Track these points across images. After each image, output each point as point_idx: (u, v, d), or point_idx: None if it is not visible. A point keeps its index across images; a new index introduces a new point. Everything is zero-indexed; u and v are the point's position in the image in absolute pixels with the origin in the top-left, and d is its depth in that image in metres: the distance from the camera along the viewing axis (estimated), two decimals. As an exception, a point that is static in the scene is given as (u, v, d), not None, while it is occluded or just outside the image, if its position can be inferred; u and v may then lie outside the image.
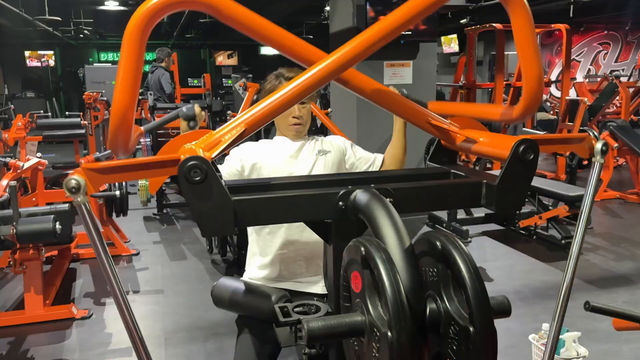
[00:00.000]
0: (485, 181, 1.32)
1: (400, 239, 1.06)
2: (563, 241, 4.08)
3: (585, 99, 4.87)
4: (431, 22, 4.72)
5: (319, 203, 1.25)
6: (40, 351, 2.73)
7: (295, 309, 1.56)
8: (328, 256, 1.39)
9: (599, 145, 1.25)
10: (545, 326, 2.52)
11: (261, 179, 1.73)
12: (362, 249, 1.00)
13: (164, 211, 5.43)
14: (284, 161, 1.91)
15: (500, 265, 3.82)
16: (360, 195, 1.23)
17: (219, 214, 1.16)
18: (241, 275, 2.05)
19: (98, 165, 1.05)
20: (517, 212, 4.33)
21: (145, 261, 4.04)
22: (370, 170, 2.04)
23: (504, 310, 1.09)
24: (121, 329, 2.94)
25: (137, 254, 4.17)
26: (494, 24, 6.38)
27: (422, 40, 4.78)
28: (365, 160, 2.03)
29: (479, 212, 4.27)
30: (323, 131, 5.36)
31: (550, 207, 4.30)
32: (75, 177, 0.99)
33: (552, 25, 6.74)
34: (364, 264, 1.00)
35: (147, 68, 9.48)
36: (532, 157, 1.26)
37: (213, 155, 1.23)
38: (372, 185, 1.30)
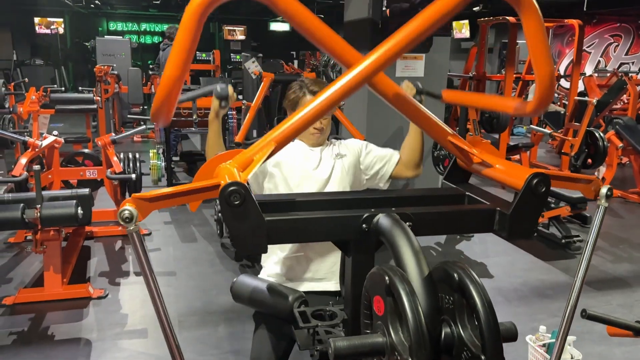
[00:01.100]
0: (499, 209, 1.42)
1: (420, 268, 1.17)
2: (563, 240, 4.18)
3: (594, 100, 4.92)
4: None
5: (343, 225, 1.35)
6: (60, 329, 2.86)
7: (313, 314, 1.68)
8: (347, 268, 1.49)
9: (604, 190, 1.34)
10: (542, 328, 2.64)
11: (287, 195, 1.82)
12: (387, 278, 1.10)
13: (174, 190, 5.53)
14: (307, 166, 2.00)
15: (500, 261, 3.94)
16: (382, 220, 1.33)
17: (254, 234, 1.26)
18: (250, 263, 2.16)
19: (147, 195, 1.16)
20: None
21: (157, 242, 4.16)
22: (386, 166, 2.12)
23: (511, 337, 1.20)
24: (136, 309, 3.08)
25: (149, 234, 4.29)
26: (507, 17, 6.38)
27: (436, 34, 4.80)
28: (380, 159, 2.09)
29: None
30: (336, 123, 5.40)
31: (553, 206, 4.40)
32: (128, 208, 1.10)
33: (565, 21, 6.73)
34: (388, 292, 1.10)
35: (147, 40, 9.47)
36: (543, 190, 1.36)
37: (248, 177, 1.33)
38: (393, 208, 1.40)
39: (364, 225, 1.34)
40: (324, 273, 2.04)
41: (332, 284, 2.04)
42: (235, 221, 1.24)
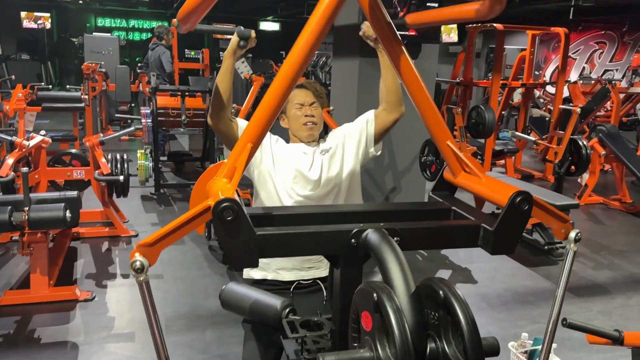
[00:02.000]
0: (483, 225, 1.46)
1: (407, 284, 1.21)
2: (546, 247, 4.26)
3: (578, 109, 5.01)
4: (436, 26, 4.80)
5: (333, 239, 1.39)
6: (46, 332, 2.86)
7: (301, 324, 1.72)
8: (335, 279, 1.53)
9: (572, 235, 1.38)
10: (525, 335, 2.70)
11: (277, 208, 1.84)
12: (375, 295, 1.14)
13: (161, 191, 5.54)
14: (300, 166, 2.01)
15: (484, 267, 4.00)
16: (371, 235, 1.37)
17: (246, 248, 1.29)
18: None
19: (150, 240, 1.19)
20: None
21: (144, 244, 4.16)
22: (368, 128, 2.09)
23: (494, 352, 1.24)
24: (123, 312, 3.09)
25: (136, 235, 4.29)
26: (494, 24, 6.46)
27: (425, 41, 4.87)
28: (360, 131, 2.08)
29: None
30: (326, 130, 5.42)
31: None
32: (139, 259, 1.15)
33: (552, 29, 6.84)
34: (376, 308, 1.14)
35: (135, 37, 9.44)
36: (526, 207, 1.41)
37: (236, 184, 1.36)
38: (381, 224, 1.44)
39: (352, 240, 1.38)
40: (314, 262, 2.06)
41: (321, 271, 2.05)
42: (227, 236, 1.27)
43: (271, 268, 2.06)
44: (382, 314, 1.12)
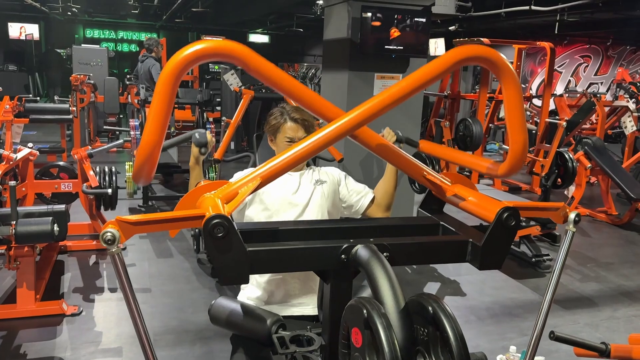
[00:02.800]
0: (471, 241, 1.48)
1: (397, 301, 1.22)
2: (533, 259, 4.30)
3: (564, 123, 5.08)
4: (422, 39, 4.86)
5: (323, 255, 1.40)
6: (33, 347, 2.83)
7: (291, 339, 1.72)
8: (325, 294, 1.53)
9: (572, 216, 1.42)
10: (513, 348, 2.71)
11: (268, 224, 1.85)
12: (365, 312, 1.15)
13: (150, 203, 5.51)
14: (286, 191, 2.06)
15: (472, 280, 4.02)
16: (361, 251, 1.38)
17: (236, 265, 1.30)
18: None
19: (131, 219, 1.19)
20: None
21: (132, 257, 4.14)
22: (362, 201, 2.19)
23: (482, 367, 1.26)
24: (111, 327, 3.06)
25: (124, 248, 4.26)
26: (481, 39, 6.55)
27: (413, 56, 4.92)
28: (357, 193, 2.19)
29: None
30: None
31: (523, 224, 4.51)
32: (110, 230, 1.14)
33: (537, 43, 6.95)
34: (366, 325, 1.15)
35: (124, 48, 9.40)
36: (513, 223, 1.43)
37: (233, 210, 1.36)
38: (371, 239, 1.45)
39: (342, 256, 1.39)
40: (303, 297, 2.08)
41: (310, 309, 2.08)
42: (217, 252, 1.27)
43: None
44: (372, 331, 1.13)
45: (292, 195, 2.07)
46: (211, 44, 1.27)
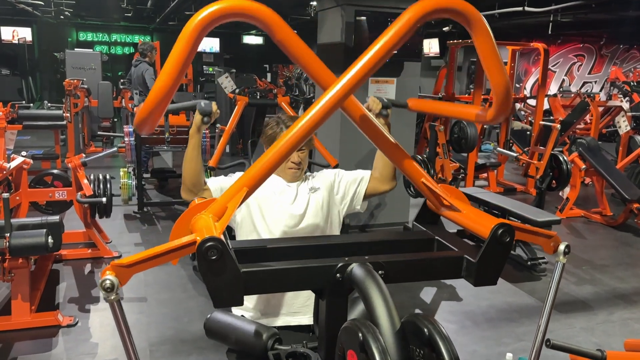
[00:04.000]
0: (466, 257, 1.48)
1: (392, 322, 1.22)
2: (529, 262, 4.31)
3: (558, 126, 5.10)
4: (416, 43, 4.86)
5: (318, 275, 1.40)
6: (28, 360, 2.82)
7: (287, 355, 1.71)
8: (321, 310, 1.53)
9: (562, 247, 1.42)
10: (509, 355, 2.71)
11: (262, 241, 1.84)
12: (360, 335, 1.15)
13: (145, 209, 5.49)
14: (282, 200, 2.05)
15: (468, 284, 4.02)
16: (356, 270, 1.38)
17: (230, 287, 1.29)
18: None
19: (126, 262, 1.19)
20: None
21: (128, 265, 4.11)
22: (359, 187, 2.15)
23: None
24: (106, 338, 3.05)
25: (119, 256, 4.24)
26: (475, 40, 6.56)
27: (408, 60, 4.92)
28: (353, 182, 2.15)
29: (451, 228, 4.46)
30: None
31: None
32: (109, 278, 1.13)
33: (531, 44, 6.96)
34: (361, 348, 1.14)
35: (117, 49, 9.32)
36: (508, 239, 1.43)
37: (224, 228, 1.35)
38: (366, 257, 1.45)
39: (337, 275, 1.38)
40: (299, 307, 2.08)
41: (307, 318, 2.08)
42: (211, 275, 1.27)
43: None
44: (368, 354, 1.12)
45: (290, 205, 2.07)
46: (236, 2, 1.25)
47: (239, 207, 2.05)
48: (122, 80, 8.42)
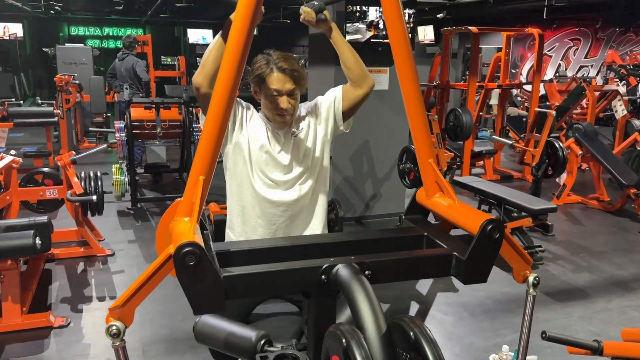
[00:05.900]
0: (455, 254, 1.44)
1: (378, 326, 1.18)
2: (526, 251, 4.27)
3: (553, 112, 5.05)
4: (409, 33, 4.79)
5: (303, 277, 1.35)
6: (20, 363, 2.79)
7: (275, 358, 1.68)
8: (310, 310, 1.49)
9: (530, 279, 1.39)
10: (505, 347, 2.68)
11: (243, 243, 1.78)
12: (344, 341, 1.11)
13: (138, 205, 5.45)
14: (269, 147, 1.95)
15: (466, 274, 3.99)
16: (341, 271, 1.34)
17: (211, 293, 1.25)
18: None
19: (120, 302, 1.16)
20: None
21: (121, 263, 4.08)
22: (336, 106, 2.02)
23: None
24: (99, 339, 3.02)
25: (113, 254, 4.20)
26: (469, 27, 6.48)
27: (400, 48, 4.84)
28: (329, 106, 2.02)
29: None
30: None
31: (515, 213, 4.46)
32: (115, 324, 1.11)
33: (526, 30, 6.89)
34: (345, 355, 1.10)
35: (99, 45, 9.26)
36: (497, 235, 1.39)
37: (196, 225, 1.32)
38: (352, 257, 1.40)
39: (323, 276, 1.34)
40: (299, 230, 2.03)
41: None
42: (190, 281, 1.23)
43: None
44: (352, 360, 1.08)
45: (277, 154, 1.96)
46: None
47: (225, 149, 1.96)
48: (106, 75, 8.32)
